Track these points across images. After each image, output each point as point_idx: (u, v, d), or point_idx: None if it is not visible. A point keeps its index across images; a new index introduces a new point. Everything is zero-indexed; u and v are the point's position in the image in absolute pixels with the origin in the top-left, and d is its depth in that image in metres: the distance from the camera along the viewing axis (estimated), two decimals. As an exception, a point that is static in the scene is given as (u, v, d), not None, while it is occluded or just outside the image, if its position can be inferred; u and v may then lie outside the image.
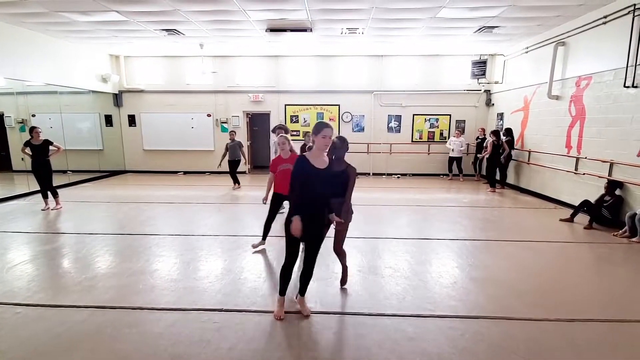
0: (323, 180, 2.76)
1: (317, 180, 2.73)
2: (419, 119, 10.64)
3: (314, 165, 2.73)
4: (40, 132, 6.41)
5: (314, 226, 2.81)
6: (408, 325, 2.89)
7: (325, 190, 2.81)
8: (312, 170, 2.72)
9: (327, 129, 2.72)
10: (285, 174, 4.01)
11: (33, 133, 6.36)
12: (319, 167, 2.74)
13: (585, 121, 6.49)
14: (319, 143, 2.75)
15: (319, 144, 2.75)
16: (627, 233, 5.10)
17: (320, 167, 2.75)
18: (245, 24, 7.21)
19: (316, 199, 2.78)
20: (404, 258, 4.35)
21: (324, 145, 2.75)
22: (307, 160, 2.73)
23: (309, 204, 2.74)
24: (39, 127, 6.46)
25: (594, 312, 3.11)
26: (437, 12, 6.39)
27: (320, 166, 2.76)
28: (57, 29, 7.64)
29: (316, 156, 2.77)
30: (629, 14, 5.48)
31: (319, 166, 2.75)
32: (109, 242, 4.87)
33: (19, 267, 3.99)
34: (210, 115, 10.88)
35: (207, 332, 2.78)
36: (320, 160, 2.78)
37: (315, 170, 2.72)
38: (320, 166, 2.76)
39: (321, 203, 2.84)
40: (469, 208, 6.97)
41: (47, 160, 6.47)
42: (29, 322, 2.92)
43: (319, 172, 2.73)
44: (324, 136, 2.72)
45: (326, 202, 2.89)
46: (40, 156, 6.39)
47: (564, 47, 7.11)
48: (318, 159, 2.77)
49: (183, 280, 3.71)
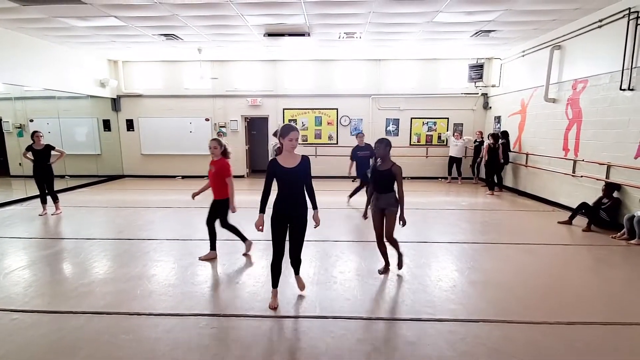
0: (292, 176, 3.05)
1: (286, 177, 3.05)
2: (417, 122, 10.67)
3: (283, 166, 3.03)
4: (41, 137, 6.40)
5: (289, 214, 3.11)
6: (408, 329, 2.88)
7: (293, 186, 3.10)
8: (281, 169, 3.02)
9: (294, 132, 3.01)
10: (210, 176, 4.35)
11: (34, 137, 6.35)
12: (287, 166, 3.04)
13: (582, 124, 6.52)
14: (286, 145, 3.02)
15: (286, 145, 3.02)
16: (626, 235, 5.11)
17: (288, 166, 3.04)
18: (243, 28, 7.24)
19: (289, 193, 3.10)
20: (403, 262, 4.34)
21: (290, 147, 3.03)
22: (277, 162, 3.05)
23: (284, 197, 3.09)
24: (40, 132, 6.44)
25: (593, 315, 3.11)
26: (434, 16, 6.43)
27: (289, 165, 3.04)
28: (55, 34, 7.66)
29: (285, 157, 3.06)
30: (624, 17, 5.53)
31: (287, 165, 3.04)
32: (107, 247, 4.85)
33: (16, 273, 3.96)
34: (209, 119, 10.89)
35: (205, 337, 2.76)
36: (290, 161, 3.06)
37: (284, 170, 3.03)
38: (289, 165, 3.04)
39: (294, 195, 3.11)
40: (468, 211, 6.97)
41: (49, 165, 6.46)
42: (25, 328, 2.89)
43: (287, 171, 3.03)
44: (291, 139, 2.99)
45: (299, 194, 3.13)
46: (42, 161, 6.38)
47: (560, 51, 7.16)
48: (287, 159, 3.06)
49: (181, 285, 3.69)
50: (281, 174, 3.02)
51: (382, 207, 3.77)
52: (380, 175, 3.74)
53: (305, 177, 3.11)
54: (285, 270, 3.25)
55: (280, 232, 3.13)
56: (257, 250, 4.70)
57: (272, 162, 3.05)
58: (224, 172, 4.31)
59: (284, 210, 3.09)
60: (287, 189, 3.08)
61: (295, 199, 3.10)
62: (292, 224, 3.14)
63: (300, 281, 3.51)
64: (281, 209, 3.09)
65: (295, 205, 3.10)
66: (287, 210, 3.10)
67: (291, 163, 3.05)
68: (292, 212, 3.10)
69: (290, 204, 3.09)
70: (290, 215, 3.11)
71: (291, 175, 3.04)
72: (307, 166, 3.10)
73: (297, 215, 3.12)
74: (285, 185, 3.07)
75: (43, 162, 6.38)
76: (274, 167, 3.02)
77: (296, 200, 3.10)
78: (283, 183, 3.06)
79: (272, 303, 3.22)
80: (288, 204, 3.09)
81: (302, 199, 3.13)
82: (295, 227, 3.15)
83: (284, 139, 3.00)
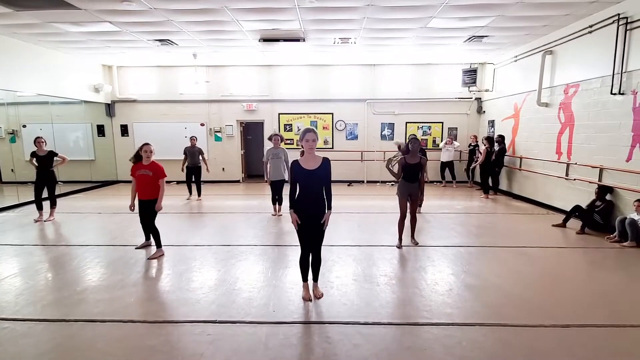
0: (312, 178, 3.18)
1: (307, 178, 3.17)
2: (412, 126, 10.74)
3: (304, 167, 3.17)
4: (43, 142, 6.37)
5: (310, 214, 3.24)
6: (404, 334, 2.87)
7: (314, 186, 3.21)
8: (302, 171, 3.16)
9: (309, 133, 3.15)
10: (144, 180, 4.51)
11: (37, 143, 6.33)
12: (308, 168, 3.17)
13: (574, 128, 6.60)
14: (305, 146, 3.18)
15: (304, 147, 3.18)
16: (617, 237, 5.16)
17: (309, 168, 3.17)
18: (238, 34, 7.27)
19: (309, 193, 3.21)
20: (399, 266, 4.35)
21: (308, 148, 3.17)
22: (299, 163, 3.18)
23: (304, 197, 3.21)
24: (42, 137, 6.41)
25: (589, 317, 3.12)
26: (428, 22, 6.51)
27: (310, 167, 3.17)
28: (49, 39, 7.63)
29: (307, 159, 3.20)
30: (614, 23, 5.63)
31: (308, 167, 3.17)
32: (100, 253, 4.80)
33: (7, 281, 3.90)
34: (204, 124, 10.87)
35: (200, 344, 2.73)
36: (311, 163, 3.18)
37: (305, 171, 3.16)
38: (310, 167, 3.17)
39: (314, 195, 3.23)
40: (463, 215, 7.00)
41: (52, 170, 6.44)
42: (16, 337, 2.84)
43: (307, 173, 3.16)
44: (307, 140, 3.14)
45: (319, 194, 3.24)
46: (45, 167, 6.37)
47: (551, 56, 7.26)
48: (309, 161, 3.19)
49: (176, 291, 3.65)
50: (302, 175, 3.16)
51: (410, 194, 4.76)
52: (411, 168, 4.68)
53: (326, 179, 3.23)
54: (279, 276, 3.22)
55: (305, 231, 3.27)
56: (252, 255, 4.68)
57: (293, 164, 3.21)
58: (161, 174, 4.57)
59: (305, 210, 3.22)
60: (308, 190, 3.20)
61: (316, 199, 3.22)
62: (312, 222, 3.25)
63: (317, 290, 3.51)
64: (302, 209, 3.22)
65: (315, 205, 3.23)
66: (308, 210, 3.23)
67: (312, 165, 3.17)
68: (312, 211, 3.24)
69: (310, 204, 3.22)
70: (311, 214, 3.23)
71: (312, 176, 3.16)
72: (327, 168, 3.21)
73: (316, 214, 3.24)
74: (306, 186, 3.19)
75: (46, 168, 6.37)
76: (296, 169, 3.18)
77: (317, 200, 3.22)
78: (304, 184, 3.19)
79: (304, 295, 3.43)
80: (308, 204, 3.22)
81: (322, 198, 3.25)
82: (315, 226, 3.27)
83: (302, 141, 3.18)
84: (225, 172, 11.10)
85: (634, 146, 5.35)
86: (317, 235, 3.33)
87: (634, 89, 5.35)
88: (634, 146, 5.35)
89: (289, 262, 4.41)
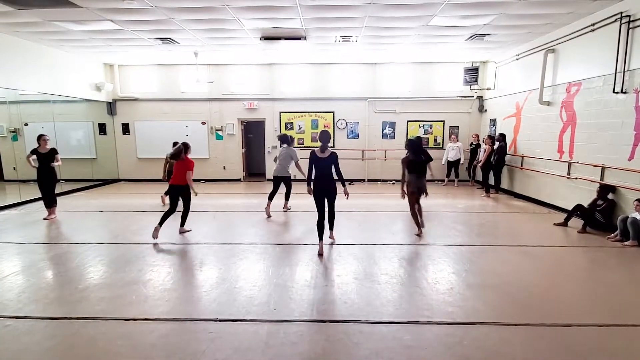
0: (324, 163, 4.64)
1: (320, 163, 4.65)
2: (413, 125, 10.71)
3: (319, 156, 4.63)
4: (47, 140, 6.41)
5: (324, 188, 4.65)
6: (405, 333, 2.87)
7: (325, 169, 4.63)
8: (317, 158, 4.64)
9: (320, 134, 4.69)
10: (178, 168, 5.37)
11: (41, 141, 6.36)
12: (321, 156, 4.64)
13: (576, 126, 6.58)
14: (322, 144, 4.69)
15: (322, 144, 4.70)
16: (619, 237, 5.14)
17: (322, 156, 4.64)
18: (239, 32, 7.26)
19: (323, 174, 4.64)
20: (400, 264, 4.35)
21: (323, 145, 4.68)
22: (315, 153, 4.66)
23: (319, 177, 4.64)
24: (46, 135, 6.45)
25: (590, 317, 3.12)
26: (429, 20, 6.48)
27: (323, 156, 4.64)
28: (51, 38, 7.63)
29: (322, 150, 4.63)
30: (616, 21, 5.60)
31: (321, 156, 4.64)
32: (102, 252, 4.81)
33: (9, 279, 3.92)
34: (205, 123, 10.87)
35: (201, 342, 2.73)
36: (323, 154, 4.64)
37: (319, 158, 4.64)
38: (323, 156, 4.64)
39: (326, 175, 4.63)
40: (465, 213, 6.99)
41: (52, 168, 6.45)
42: (19, 335, 2.85)
43: (319, 159, 4.65)
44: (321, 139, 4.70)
45: (329, 175, 4.63)
46: (46, 164, 6.38)
47: (553, 54, 7.23)
48: (322, 153, 4.64)
49: (177, 289, 3.67)
50: (317, 161, 4.64)
51: (419, 187, 5.37)
52: (419, 164, 5.38)
53: (334, 164, 4.65)
54: (280, 274, 3.22)
55: (320, 200, 4.66)
56: (253, 253, 4.69)
57: (312, 153, 4.66)
58: None
59: (320, 186, 4.63)
60: (322, 172, 4.62)
61: (328, 178, 4.62)
62: (326, 194, 4.67)
63: (332, 236, 5.08)
64: (318, 185, 4.64)
65: (327, 182, 4.63)
66: (323, 186, 4.62)
67: (324, 155, 4.63)
68: (326, 187, 4.63)
69: (324, 182, 4.62)
70: (325, 189, 4.63)
71: (324, 162, 4.63)
72: (334, 158, 4.68)
73: (329, 189, 4.65)
74: (320, 169, 4.63)
75: (46, 165, 6.38)
76: (313, 156, 4.64)
77: (328, 179, 4.62)
78: (319, 167, 4.63)
79: (319, 250, 4.59)
80: (323, 182, 4.62)
81: (332, 178, 4.65)
82: (329, 197, 4.70)
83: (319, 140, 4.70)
84: (226, 170, 11.11)
85: (636, 145, 5.33)
86: (332, 203, 4.74)
87: (636, 87, 5.33)
88: (636, 145, 5.33)
89: (289, 261, 4.42)
